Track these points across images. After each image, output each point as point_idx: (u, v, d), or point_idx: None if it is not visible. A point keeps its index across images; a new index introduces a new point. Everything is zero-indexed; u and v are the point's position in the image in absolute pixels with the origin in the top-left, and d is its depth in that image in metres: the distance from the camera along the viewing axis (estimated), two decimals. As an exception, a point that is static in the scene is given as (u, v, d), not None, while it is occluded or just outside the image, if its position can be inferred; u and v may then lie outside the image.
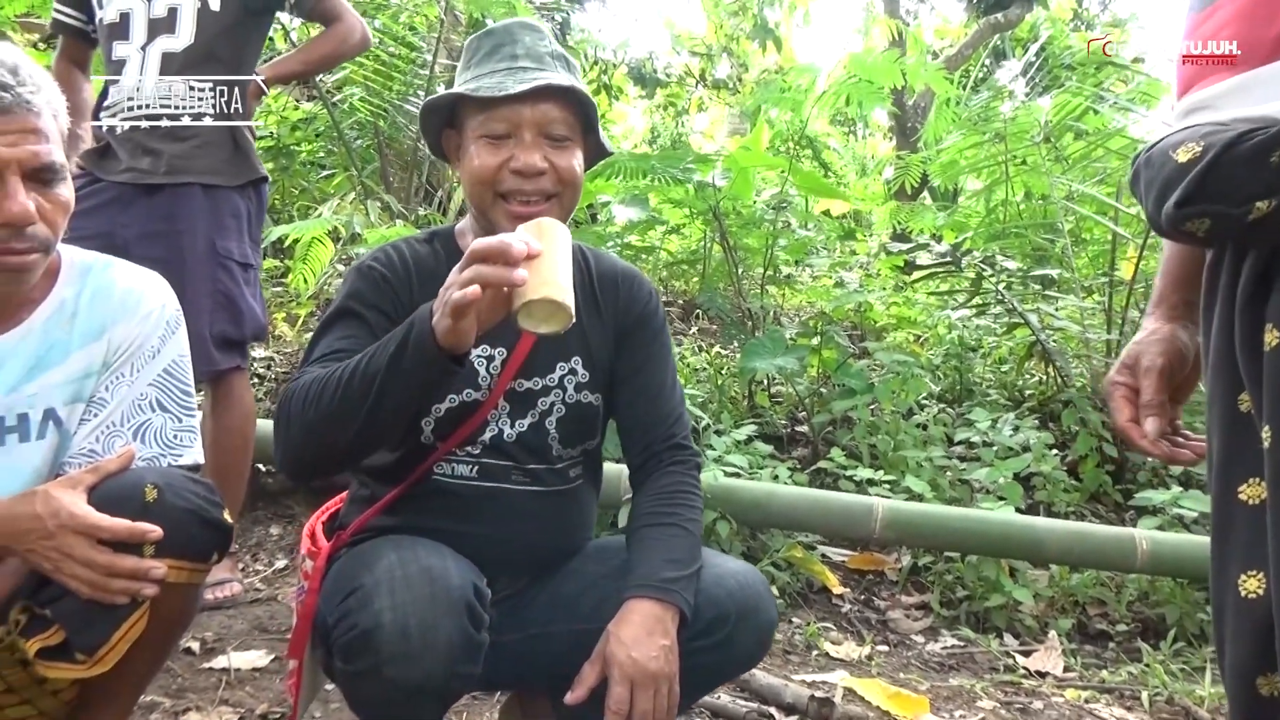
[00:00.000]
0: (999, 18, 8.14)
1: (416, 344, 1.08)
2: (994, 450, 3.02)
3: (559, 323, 1.05)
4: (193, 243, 2.06)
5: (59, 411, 1.17)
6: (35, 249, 1.09)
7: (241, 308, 2.14)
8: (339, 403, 1.12)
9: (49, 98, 1.09)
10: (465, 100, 1.30)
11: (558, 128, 1.28)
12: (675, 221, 4.00)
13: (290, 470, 1.24)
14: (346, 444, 1.15)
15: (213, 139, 2.11)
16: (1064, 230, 3.72)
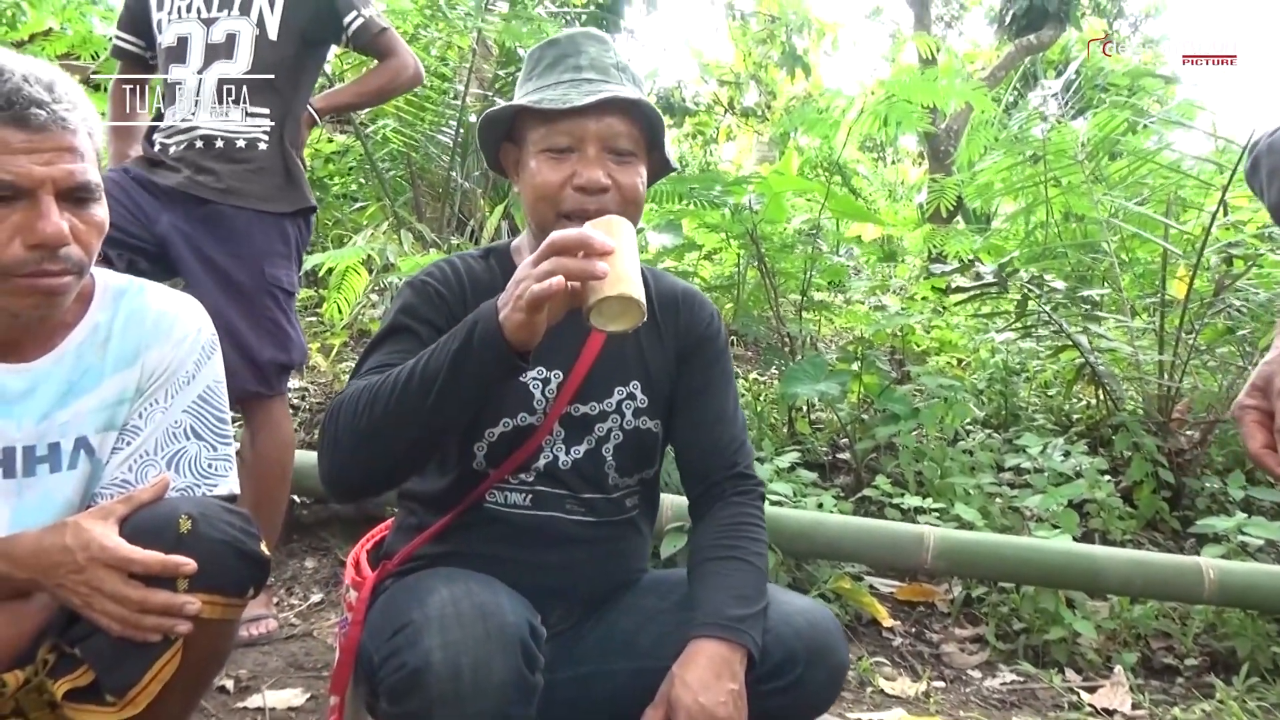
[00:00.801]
0: (1032, 39, 8.07)
1: (483, 340, 1.03)
2: (1045, 476, 2.92)
3: (630, 320, 1.02)
4: (247, 268, 2.05)
5: (91, 440, 1.13)
6: (69, 271, 1.05)
7: (290, 335, 2.13)
8: (395, 406, 1.07)
9: (84, 115, 1.05)
10: (526, 113, 1.25)
11: (622, 142, 1.23)
12: (711, 246, 3.94)
13: (337, 487, 1.18)
14: (400, 454, 1.12)
15: (267, 165, 2.10)
16: (1110, 250, 3.62)
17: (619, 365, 1.31)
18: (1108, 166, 3.99)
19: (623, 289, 0.99)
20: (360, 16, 2.16)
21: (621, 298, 0.99)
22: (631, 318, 1.01)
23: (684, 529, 2.29)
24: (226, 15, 2.08)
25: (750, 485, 1.35)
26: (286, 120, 2.12)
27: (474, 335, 1.04)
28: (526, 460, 1.26)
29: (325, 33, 2.19)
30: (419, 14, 4.53)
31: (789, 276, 3.81)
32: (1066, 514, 2.67)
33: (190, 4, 2.11)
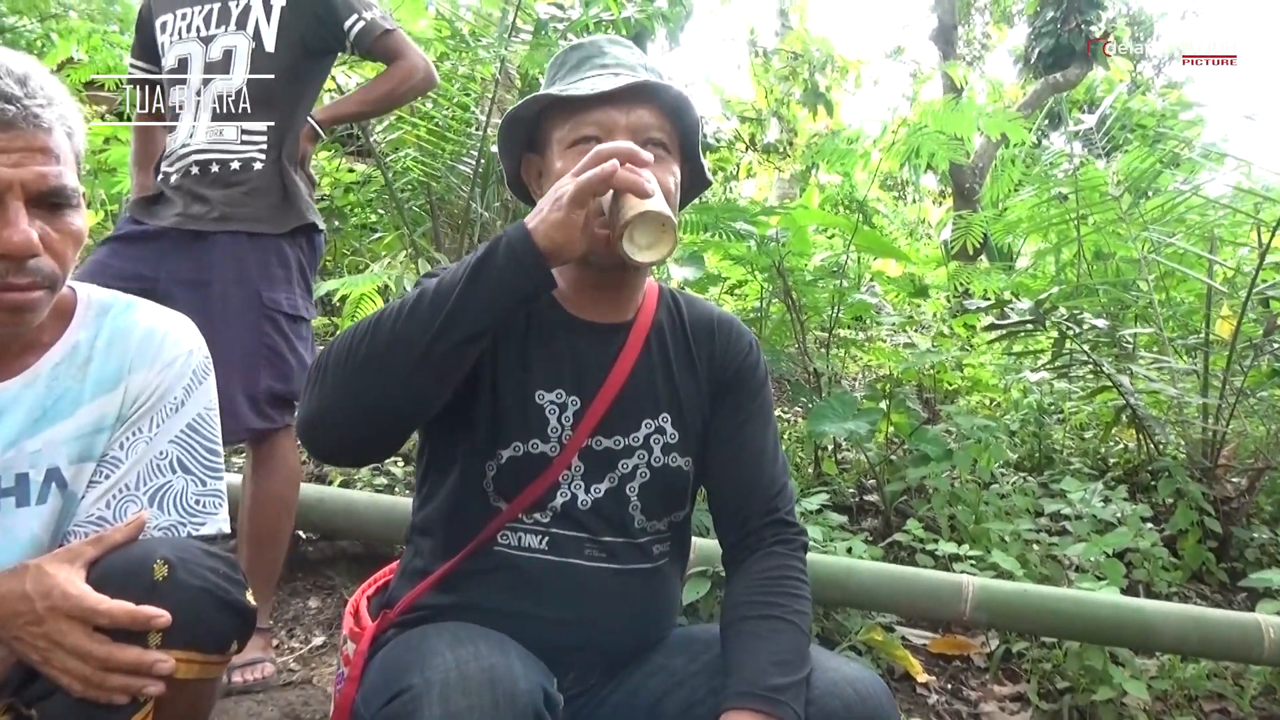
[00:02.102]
0: (1058, 77, 8.01)
1: (509, 246, 0.97)
2: (1084, 523, 2.78)
3: (662, 249, 1.00)
4: (239, 293, 1.93)
5: (64, 472, 1.01)
6: (39, 285, 0.94)
7: (291, 363, 1.99)
8: (401, 326, 0.98)
9: (62, 113, 0.95)
10: (551, 112, 1.16)
11: (655, 133, 1.14)
12: (735, 279, 3.84)
13: (314, 432, 1.03)
14: (394, 392, 0.99)
15: (262, 185, 2.00)
16: (1149, 288, 3.49)
17: (648, 396, 1.20)
18: (1143, 204, 3.88)
19: (659, 206, 0.97)
20: (361, 19, 2.05)
21: (659, 215, 0.97)
22: (663, 247, 0.99)
23: (708, 574, 2.16)
24: (224, 31, 2.01)
25: (791, 534, 1.22)
26: (286, 136, 2.03)
27: (499, 243, 0.98)
28: (542, 497, 1.15)
29: (326, 40, 2.09)
30: (442, 44, 4.49)
31: (814, 311, 3.71)
32: (1111, 565, 2.52)
33: (190, 24, 2.05)
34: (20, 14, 5.75)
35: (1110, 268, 4.47)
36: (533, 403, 1.15)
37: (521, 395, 1.15)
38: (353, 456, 1.10)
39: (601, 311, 1.22)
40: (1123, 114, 6.18)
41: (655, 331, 1.24)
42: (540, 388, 1.16)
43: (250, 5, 2.01)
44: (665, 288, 1.31)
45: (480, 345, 1.01)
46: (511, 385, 1.16)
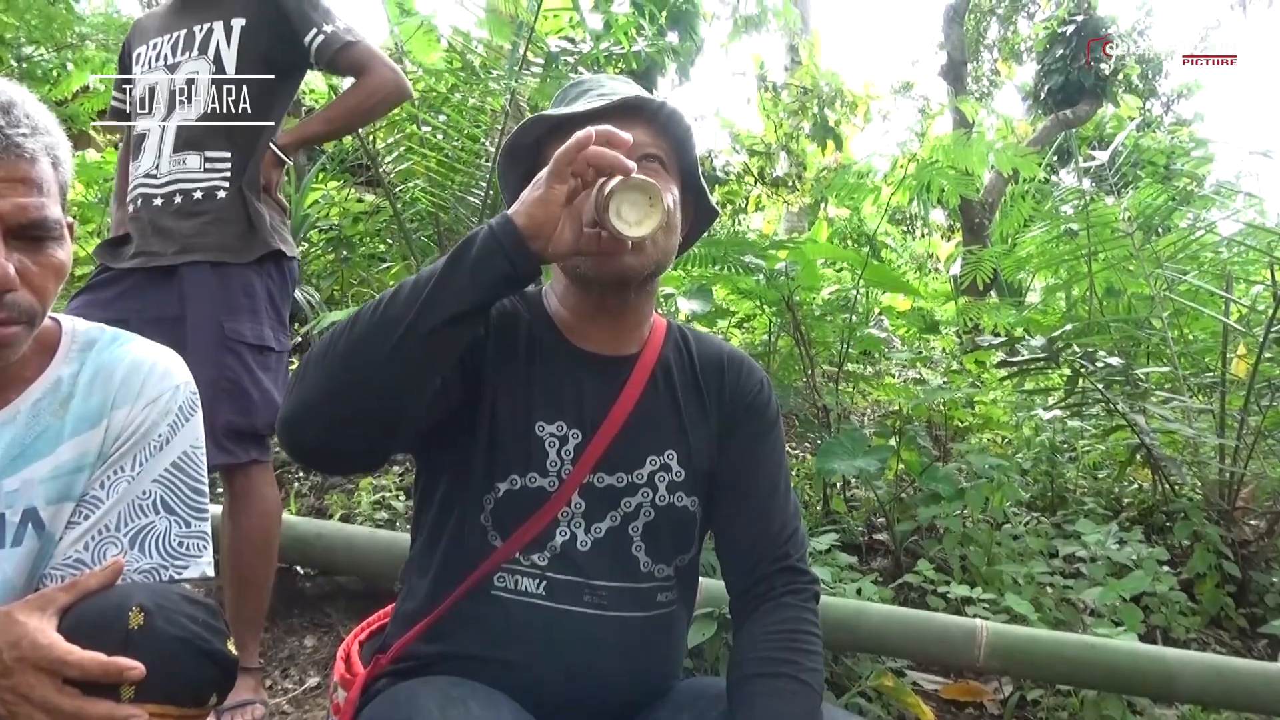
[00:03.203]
0: (1068, 114, 8.01)
1: (489, 232, 0.94)
2: (1099, 566, 2.71)
3: (650, 224, 0.97)
4: (198, 325, 1.89)
5: (41, 513, 0.97)
6: (16, 320, 0.90)
7: (253, 396, 1.93)
8: (380, 315, 0.94)
9: (49, 142, 0.92)
10: (549, 140, 1.14)
11: (649, 148, 1.11)
12: (743, 313, 3.80)
13: (292, 430, 0.97)
14: (374, 382, 0.93)
15: (225, 215, 1.95)
16: (1163, 325, 3.45)
17: (653, 431, 1.16)
18: (1155, 241, 3.85)
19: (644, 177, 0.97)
20: (320, 33, 1.99)
21: (642, 184, 0.96)
22: (651, 220, 0.97)
23: (715, 615, 2.11)
24: (188, 58, 1.99)
25: (803, 583, 1.16)
26: (247, 163, 1.99)
27: (479, 230, 0.96)
28: (540, 536, 1.10)
29: (291, 59, 2.04)
30: (453, 76, 4.51)
31: (823, 346, 3.66)
32: (1129, 610, 2.45)
33: (159, 52, 2.03)
34: (37, 43, 5.80)
35: (1122, 304, 4.42)
36: (532, 434, 1.11)
37: (521, 426, 1.11)
38: (332, 455, 1.01)
39: (606, 343, 1.19)
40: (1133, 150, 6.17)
41: (662, 366, 1.21)
42: (540, 419, 1.12)
43: (212, 29, 1.99)
44: (673, 323, 1.28)
45: (464, 330, 0.97)
46: (511, 415, 1.12)
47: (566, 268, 1.16)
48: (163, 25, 2.08)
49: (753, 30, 10.01)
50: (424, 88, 4.54)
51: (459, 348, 0.99)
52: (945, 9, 9.47)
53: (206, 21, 2.00)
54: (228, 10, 1.99)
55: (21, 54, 5.79)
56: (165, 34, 2.04)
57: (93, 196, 5.63)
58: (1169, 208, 3.66)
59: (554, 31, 5.74)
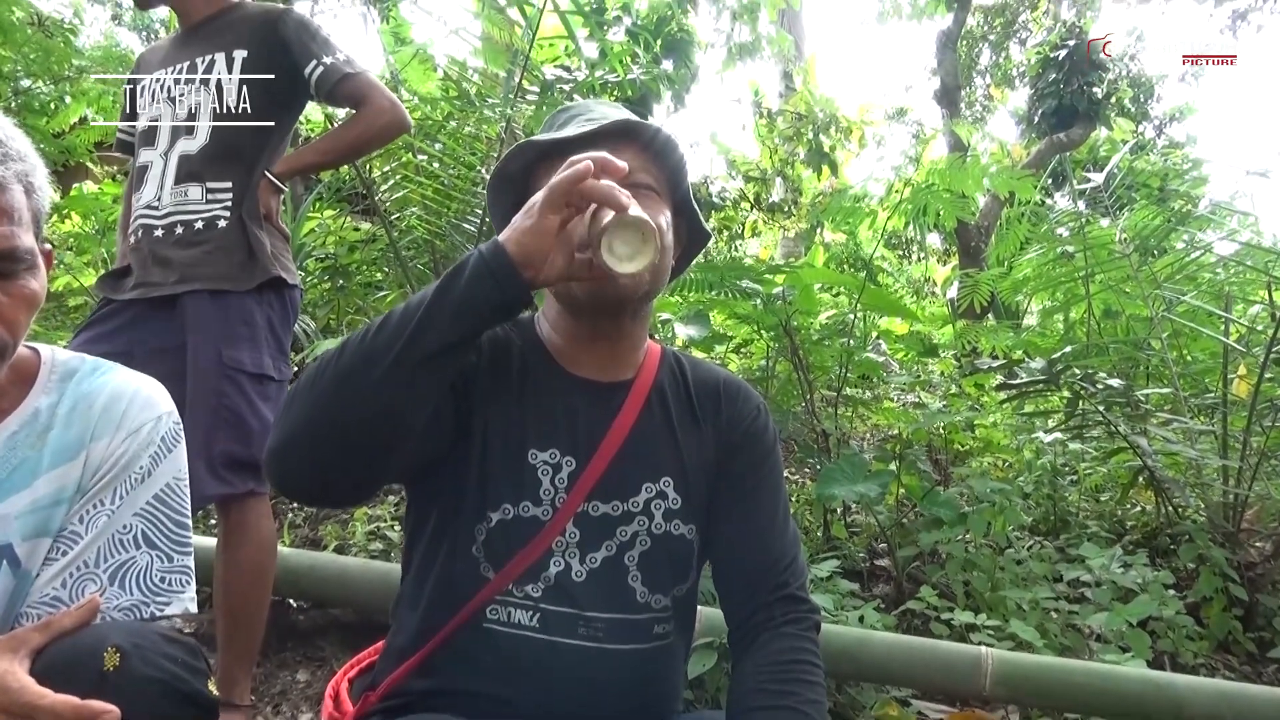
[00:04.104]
0: (1061, 137, 8.05)
1: (480, 258, 0.92)
2: (1104, 590, 2.68)
3: (643, 260, 0.94)
4: (197, 354, 1.87)
5: (17, 549, 0.94)
6: None
7: (252, 425, 1.90)
8: (368, 344, 0.91)
9: (23, 169, 0.90)
10: (538, 167, 1.12)
11: (641, 176, 1.09)
12: (741, 338, 3.79)
13: (280, 463, 0.94)
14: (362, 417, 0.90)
15: (226, 243, 1.94)
16: (1162, 346, 3.43)
17: (648, 458, 1.13)
18: (1153, 262, 3.84)
19: (637, 212, 0.93)
20: (320, 64, 1.99)
21: (638, 222, 0.93)
22: (644, 257, 0.94)
23: (715, 645, 2.07)
24: (191, 90, 1.99)
25: (803, 611, 1.13)
26: (246, 192, 1.98)
27: (469, 258, 0.93)
28: (534, 566, 1.07)
29: (291, 90, 2.05)
30: (449, 104, 4.52)
31: (821, 371, 3.64)
32: (1137, 635, 2.41)
33: (163, 84, 2.03)
34: (34, 76, 5.83)
35: (1120, 326, 4.41)
36: (525, 462, 1.08)
37: (513, 454, 1.09)
38: (321, 488, 0.98)
39: (599, 369, 1.16)
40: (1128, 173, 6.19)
41: (657, 391, 1.18)
42: (533, 446, 1.10)
43: (215, 60, 1.99)
44: (668, 349, 1.26)
45: (454, 359, 0.94)
46: (503, 443, 1.09)
47: (559, 293, 1.14)
48: (166, 58, 2.08)
49: (747, 58, 10.08)
50: (420, 116, 4.55)
51: (450, 377, 0.97)
52: (938, 35, 9.55)
53: (209, 53, 2.00)
54: (230, 42, 1.99)
55: (19, 86, 5.81)
56: (168, 66, 2.05)
57: (89, 228, 5.64)
58: (1166, 228, 3.65)
59: (549, 60, 5.78)
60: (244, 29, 2.00)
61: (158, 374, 1.33)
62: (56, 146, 6.13)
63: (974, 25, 14.68)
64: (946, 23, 9.81)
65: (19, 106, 5.78)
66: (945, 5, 9.67)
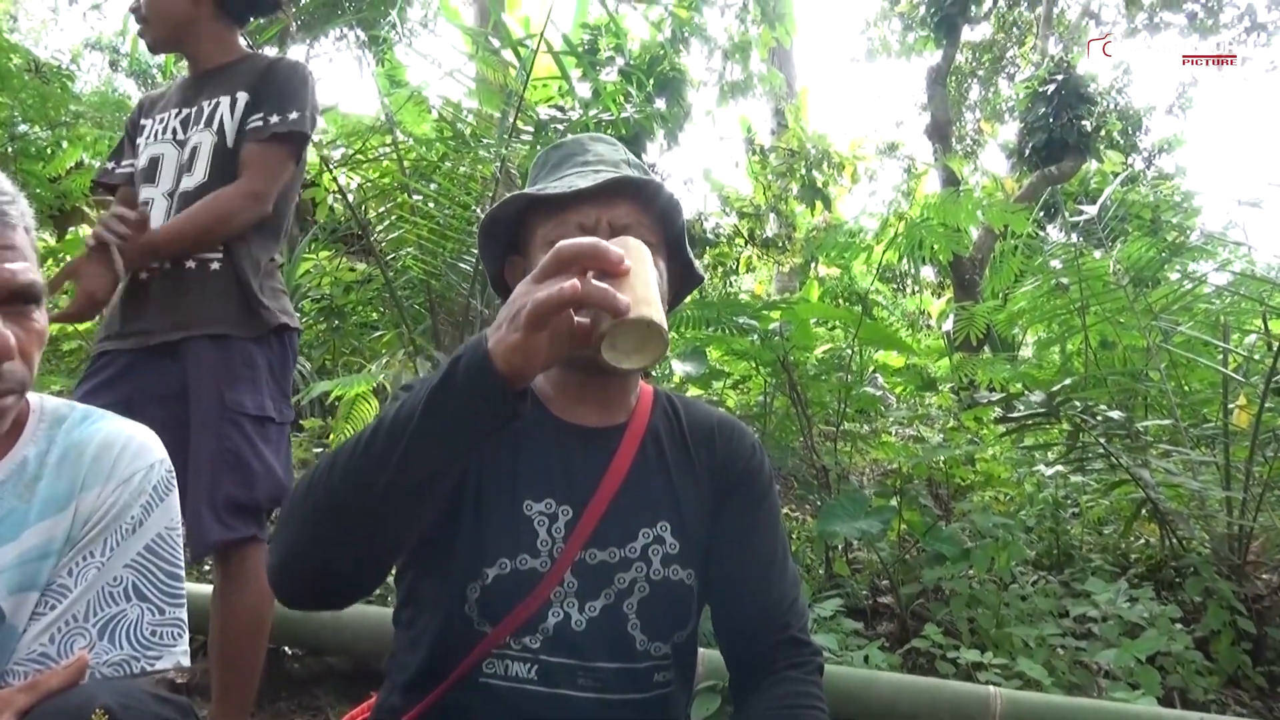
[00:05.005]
0: (1052, 170, 8.12)
1: (468, 371, 0.83)
2: (1111, 625, 2.64)
3: (650, 354, 0.85)
4: (199, 398, 1.84)
5: (2, 604, 0.91)
6: (12, 390, 0.88)
7: (255, 468, 1.87)
8: (357, 464, 0.85)
9: (22, 209, 0.90)
10: (532, 212, 1.10)
11: (637, 229, 1.07)
12: (739, 374, 3.78)
13: (281, 580, 0.92)
14: (357, 532, 0.87)
15: (219, 287, 1.92)
16: (1161, 377, 3.42)
17: (645, 503, 1.11)
18: (1147, 293, 3.85)
19: (642, 313, 0.81)
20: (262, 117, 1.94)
21: (640, 323, 0.81)
22: (650, 350, 0.85)
23: (717, 688, 2.03)
24: (196, 130, 1.99)
25: (806, 655, 1.11)
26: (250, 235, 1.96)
27: (457, 367, 0.84)
28: (532, 619, 1.04)
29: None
30: (444, 145, 4.55)
31: (820, 406, 3.63)
32: (1146, 672, 2.38)
33: (167, 126, 2.03)
34: (31, 122, 5.86)
35: (1117, 357, 4.41)
36: (520, 514, 1.06)
37: (507, 507, 1.06)
38: (321, 604, 0.96)
39: (592, 414, 1.14)
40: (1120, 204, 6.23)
41: (651, 435, 1.16)
42: (528, 498, 1.07)
43: (219, 103, 1.99)
44: (660, 390, 1.24)
45: (450, 479, 0.90)
46: (496, 497, 1.07)
47: None
48: (172, 101, 2.08)
49: (739, 95, 10.18)
50: (415, 157, 4.58)
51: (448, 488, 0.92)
52: (928, 71, 9.67)
53: (215, 97, 2.00)
54: (234, 85, 2.00)
55: (15, 132, 5.85)
56: (176, 109, 2.05)
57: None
58: (1160, 260, 3.66)
59: (544, 99, 5.83)
60: (250, 73, 2.01)
61: (159, 421, 1.31)
62: (52, 191, 6.16)
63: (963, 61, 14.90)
64: (936, 59, 9.95)
65: (15, 152, 5.81)
66: (934, 43, 9.80)
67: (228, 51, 2.08)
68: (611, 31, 7.98)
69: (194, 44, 2.07)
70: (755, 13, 9.61)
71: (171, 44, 2.09)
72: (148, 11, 2.04)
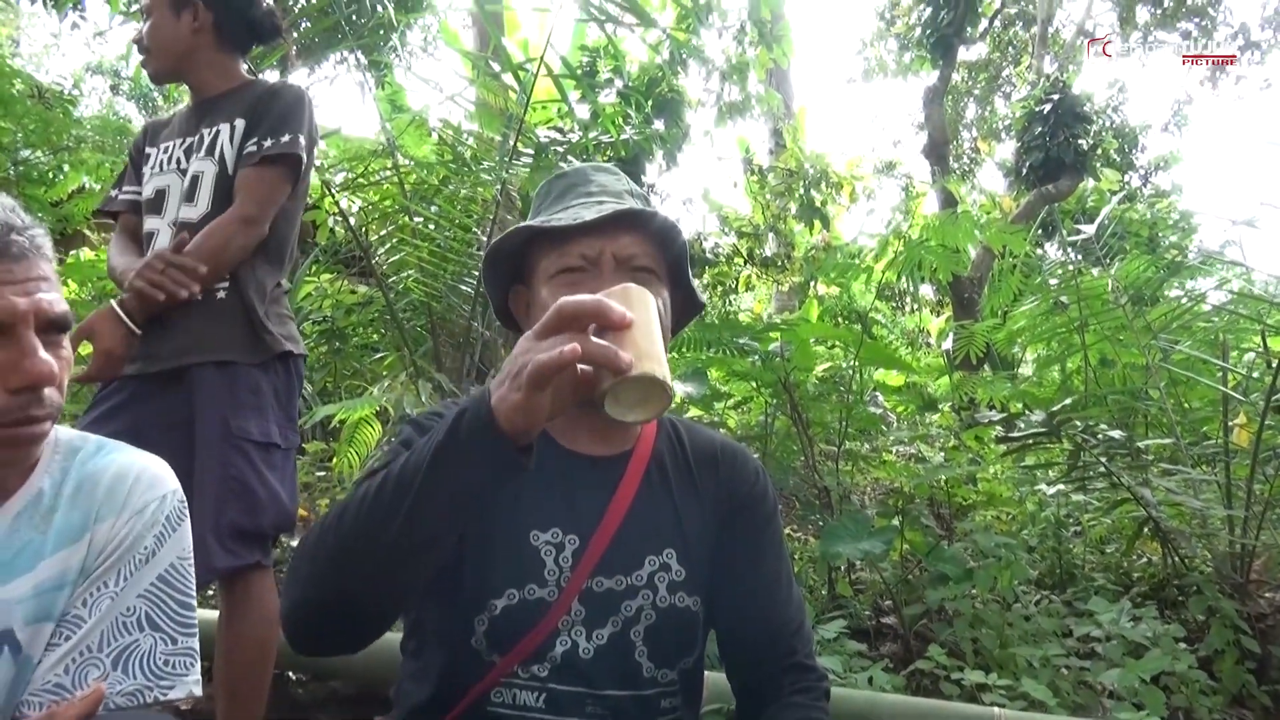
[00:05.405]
0: (1050, 189, 8.17)
1: (472, 428, 0.83)
2: (1116, 646, 2.64)
3: (653, 407, 0.84)
4: (204, 425, 1.84)
5: (19, 634, 0.92)
6: (50, 415, 0.90)
7: (259, 494, 1.87)
8: (364, 517, 0.86)
9: (49, 240, 0.94)
10: (535, 243, 1.12)
11: (640, 260, 1.09)
12: (740, 395, 3.79)
13: (294, 628, 0.93)
14: (367, 585, 0.88)
15: (225, 313, 1.93)
16: (1160, 395, 3.43)
17: (650, 530, 1.12)
18: (1147, 311, 3.87)
19: (645, 368, 0.81)
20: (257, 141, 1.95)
21: (644, 379, 0.81)
22: (654, 404, 0.84)
23: (723, 711, 2.03)
24: (197, 159, 2.00)
25: (812, 680, 1.12)
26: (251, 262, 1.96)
27: (461, 423, 0.84)
28: (541, 647, 1.05)
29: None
30: (444, 168, 4.58)
31: (821, 426, 3.64)
32: (1151, 692, 2.37)
33: (171, 156, 2.05)
34: (34, 147, 5.90)
35: (1117, 375, 4.43)
36: (527, 545, 1.07)
37: (514, 538, 1.07)
38: (335, 650, 0.97)
39: (596, 443, 1.15)
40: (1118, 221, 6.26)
41: (655, 462, 1.17)
42: (534, 528, 1.08)
43: (219, 130, 2.00)
44: (664, 416, 1.25)
45: (460, 528, 0.90)
46: (503, 529, 1.07)
47: None
48: (176, 129, 2.10)
49: (737, 116, 10.25)
50: (415, 180, 4.60)
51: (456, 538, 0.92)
52: (924, 91, 9.74)
53: (216, 124, 2.02)
54: (233, 112, 2.01)
55: (18, 157, 5.88)
56: (180, 138, 2.06)
57: (85, 294, 5.66)
58: (1159, 278, 3.68)
59: (543, 121, 5.87)
60: (250, 100, 2.02)
61: (167, 448, 1.32)
62: (55, 215, 6.19)
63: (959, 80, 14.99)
64: (932, 79, 10.02)
65: (18, 176, 5.84)
66: (930, 63, 9.88)
67: (228, 79, 2.10)
68: (610, 54, 8.04)
69: (195, 74, 2.09)
70: (753, 34, 9.67)
71: (173, 74, 2.11)
72: (150, 43, 2.06)
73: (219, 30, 2.07)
